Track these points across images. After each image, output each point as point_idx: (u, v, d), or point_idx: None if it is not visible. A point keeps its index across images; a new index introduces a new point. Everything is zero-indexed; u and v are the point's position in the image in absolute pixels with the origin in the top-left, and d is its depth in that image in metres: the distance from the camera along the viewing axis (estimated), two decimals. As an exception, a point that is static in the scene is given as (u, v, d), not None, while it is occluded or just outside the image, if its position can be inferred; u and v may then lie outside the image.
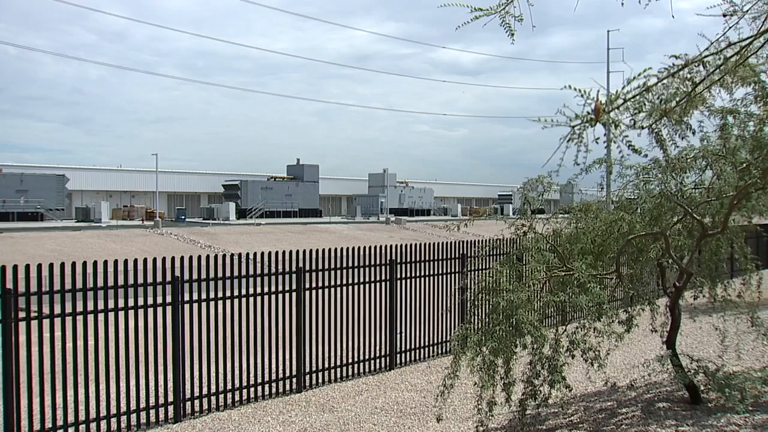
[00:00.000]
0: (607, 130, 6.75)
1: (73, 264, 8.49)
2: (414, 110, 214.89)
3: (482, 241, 12.55)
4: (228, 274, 9.81)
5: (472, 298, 7.96)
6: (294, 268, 10.58)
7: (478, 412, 7.21)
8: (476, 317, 8.63)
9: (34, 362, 8.01)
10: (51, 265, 8.24)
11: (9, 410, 7.71)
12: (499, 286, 7.57)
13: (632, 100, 6.57)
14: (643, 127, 7.13)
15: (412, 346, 12.40)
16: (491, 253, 12.66)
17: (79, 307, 8.34)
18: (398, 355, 12.12)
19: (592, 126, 6.34)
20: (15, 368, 7.74)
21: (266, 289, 10.25)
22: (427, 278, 12.67)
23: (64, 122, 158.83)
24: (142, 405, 8.91)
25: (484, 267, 12.94)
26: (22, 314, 7.86)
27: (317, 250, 10.97)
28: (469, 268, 13.17)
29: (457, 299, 12.84)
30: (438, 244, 13.06)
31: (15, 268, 7.92)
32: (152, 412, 9.00)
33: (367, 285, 11.64)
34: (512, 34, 5.90)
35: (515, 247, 10.18)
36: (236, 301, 9.88)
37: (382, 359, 11.87)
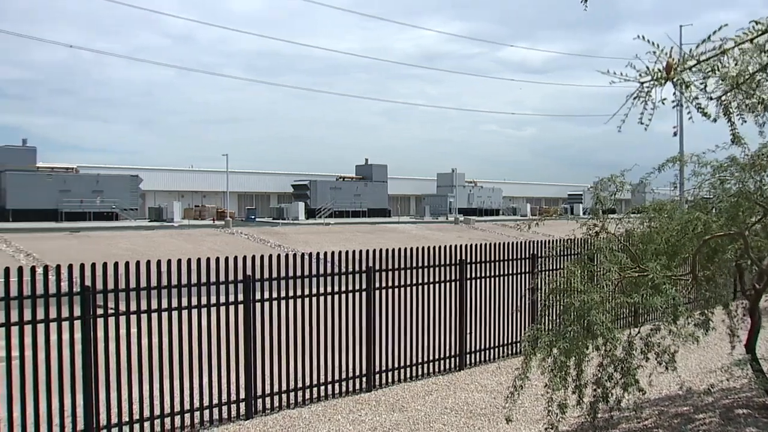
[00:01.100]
0: (678, 90, 6.27)
1: (148, 262, 8.67)
2: (482, 109, 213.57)
3: (552, 241, 12.40)
4: (298, 273, 9.89)
5: (543, 298, 7.87)
6: (364, 268, 10.61)
7: (548, 414, 7.12)
8: (547, 318, 8.53)
9: (111, 358, 8.21)
10: (127, 264, 8.44)
11: (88, 403, 7.94)
12: (570, 286, 7.47)
13: (706, 62, 6.13)
14: (711, 98, 6.59)
15: (482, 347, 12.32)
16: (562, 253, 12.51)
17: (154, 305, 8.52)
18: (468, 356, 12.06)
19: (662, 85, 6.01)
20: (93, 363, 7.97)
21: (336, 288, 10.30)
22: (496, 278, 12.57)
23: (135, 124, 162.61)
24: (215, 401, 9.05)
25: (554, 267, 12.80)
26: (99, 311, 8.07)
27: (387, 250, 10.98)
28: (539, 269, 13.02)
29: (527, 300, 12.71)
30: (508, 244, 12.95)
31: (93, 266, 8.12)
32: (224, 408, 9.13)
33: (436, 285, 11.60)
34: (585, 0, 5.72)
35: (586, 247, 10.04)
36: (306, 299, 9.95)
37: (452, 359, 11.82)
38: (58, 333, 7.75)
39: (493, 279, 12.50)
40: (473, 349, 12.16)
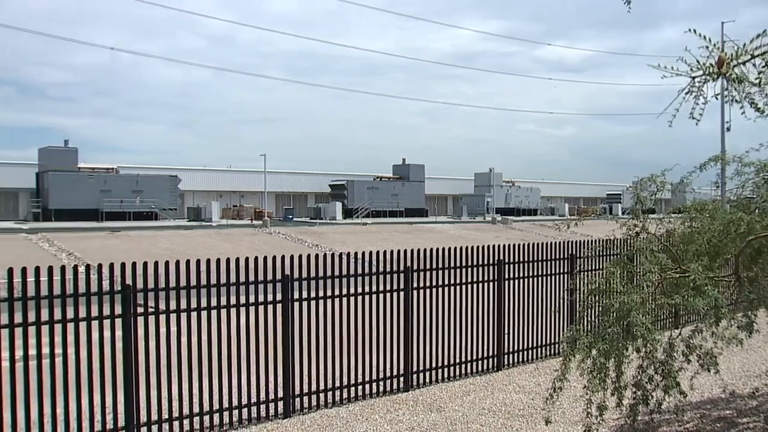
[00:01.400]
0: (728, 85, 6.10)
1: (188, 262, 8.75)
2: (520, 109, 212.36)
3: (591, 241, 12.30)
4: (336, 273, 9.92)
5: (582, 299, 7.80)
6: (402, 268, 10.61)
7: (587, 416, 7.06)
8: (586, 319, 8.45)
9: (151, 356, 8.31)
10: (167, 263, 8.53)
11: (129, 400, 8.04)
12: (610, 287, 7.39)
13: (761, 56, 5.96)
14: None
15: (520, 347, 12.25)
16: (601, 253, 12.40)
17: (193, 304, 8.60)
18: (506, 356, 12.00)
19: (714, 80, 5.87)
20: (134, 361, 8.07)
21: (374, 288, 10.31)
22: (535, 279, 12.49)
23: (173, 125, 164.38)
24: (253, 400, 9.11)
25: (593, 268, 12.69)
26: (140, 309, 8.17)
27: (424, 250, 10.97)
28: (578, 269, 12.91)
29: (565, 300, 12.61)
30: (546, 244, 12.86)
31: (134, 265, 8.22)
32: (263, 407, 9.18)
33: (474, 285, 11.56)
34: (628, 2, 5.62)
35: (626, 247, 9.93)
36: (344, 299, 9.98)
37: (490, 360, 11.77)
38: (99, 331, 7.87)
39: (531, 279, 12.43)
40: (511, 350, 12.10)
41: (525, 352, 12.33)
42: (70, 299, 7.68)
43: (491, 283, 11.84)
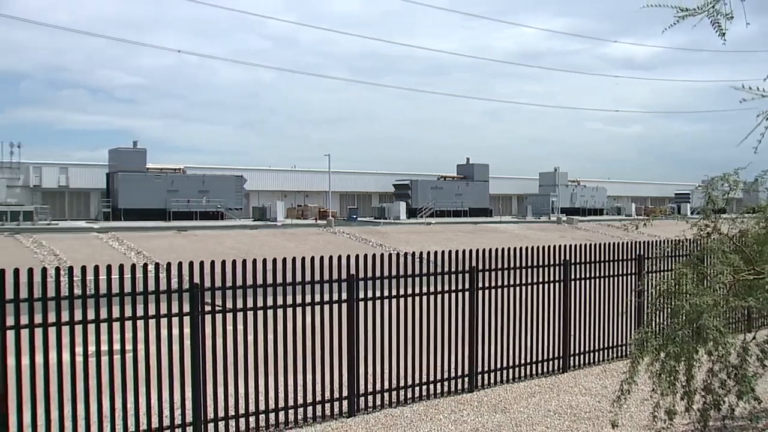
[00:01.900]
0: None
1: (254, 261, 8.86)
2: (585, 107, 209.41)
3: (660, 241, 12.05)
4: (401, 272, 9.92)
5: (652, 301, 7.64)
6: (467, 268, 10.55)
7: (655, 420, 6.92)
8: (654, 321, 8.28)
9: (218, 353, 8.42)
10: (234, 262, 8.64)
11: (197, 397, 8.17)
12: (680, 289, 7.23)
13: None
14: None
15: (586, 349, 12.07)
16: (670, 254, 12.14)
17: (259, 302, 8.68)
18: (572, 358, 11.85)
19: None
20: (201, 358, 8.19)
21: (439, 288, 10.28)
22: (601, 279, 12.30)
23: (240, 125, 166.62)
24: (318, 398, 9.17)
25: (662, 269, 12.44)
26: (207, 308, 8.30)
27: (489, 250, 10.89)
28: (646, 270, 12.66)
29: (633, 302, 12.38)
30: (613, 244, 12.66)
31: (201, 264, 8.34)
32: (327, 405, 9.24)
33: (540, 285, 11.45)
34: (723, 34, 5.48)
35: (697, 248, 9.70)
36: (409, 299, 9.97)
37: (555, 361, 11.64)
38: (168, 329, 8.02)
39: (597, 280, 12.25)
40: (577, 352, 11.95)
41: (591, 354, 12.15)
42: (140, 297, 7.85)
43: (557, 284, 11.70)
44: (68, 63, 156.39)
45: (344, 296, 9.39)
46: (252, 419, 8.62)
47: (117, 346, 7.69)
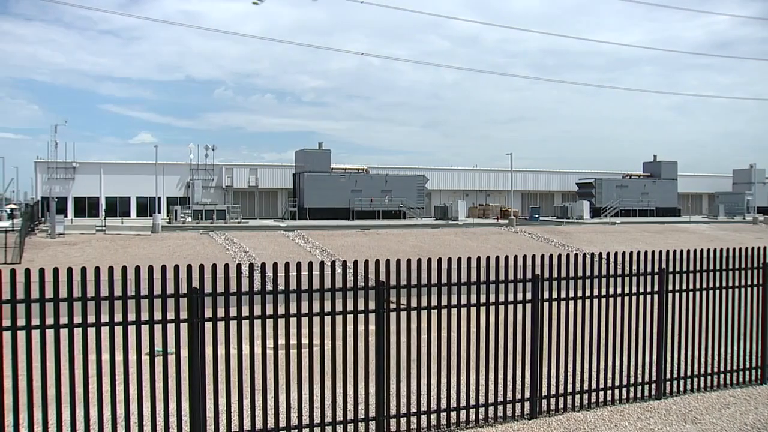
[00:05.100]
0: None
1: (439, 260, 8.93)
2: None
3: None
4: (587, 273, 9.68)
5: None
6: (655, 269, 10.15)
7: None
8: None
9: (402, 351, 8.53)
10: (419, 261, 8.74)
11: (380, 392, 8.31)
12: None
13: None
14: None
15: (788, 359, 11.29)
16: None
17: (444, 301, 8.73)
18: (771, 368, 11.12)
19: None
20: (386, 355, 8.33)
21: (626, 290, 9.95)
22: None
23: (422, 125, 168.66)
24: (500, 399, 9.11)
25: None
26: (394, 304, 8.45)
27: (681, 251, 10.42)
28: None
29: None
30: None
31: (387, 262, 8.47)
32: (508, 406, 9.16)
33: (735, 289, 10.83)
34: None
35: None
36: (595, 300, 9.72)
37: (753, 371, 10.95)
38: (354, 325, 8.23)
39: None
40: (778, 361, 11.18)
41: (795, 365, 11.34)
42: (327, 293, 8.11)
43: (756, 288, 11.01)
44: (258, 70, 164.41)
45: (528, 297, 9.29)
46: (434, 416, 8.69)
47: (305, 341, 7.98)
